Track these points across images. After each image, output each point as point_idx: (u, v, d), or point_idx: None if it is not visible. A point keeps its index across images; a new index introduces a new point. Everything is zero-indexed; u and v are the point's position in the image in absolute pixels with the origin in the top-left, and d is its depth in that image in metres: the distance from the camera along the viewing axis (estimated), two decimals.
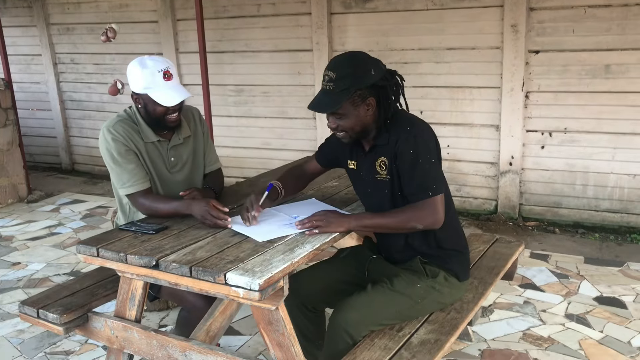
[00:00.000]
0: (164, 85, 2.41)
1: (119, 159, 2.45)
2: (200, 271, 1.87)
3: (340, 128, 2.19)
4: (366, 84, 2.11)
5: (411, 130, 2.15)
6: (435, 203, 2.11)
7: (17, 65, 6.77)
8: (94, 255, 2.12)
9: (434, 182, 2.13)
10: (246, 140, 5.73)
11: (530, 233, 4.49)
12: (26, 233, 4.84)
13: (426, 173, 2.12)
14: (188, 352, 2.13)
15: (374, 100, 2.15)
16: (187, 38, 5.78)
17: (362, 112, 2.15)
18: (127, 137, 2.47)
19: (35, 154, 7.15)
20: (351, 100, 2.11)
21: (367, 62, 2.15)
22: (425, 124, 2.24)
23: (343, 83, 2.09)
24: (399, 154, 2.14)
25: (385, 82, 2.15)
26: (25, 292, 3.71)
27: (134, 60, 2.46)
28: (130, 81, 2.46)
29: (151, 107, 2.45)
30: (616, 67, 4.21)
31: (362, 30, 4.98)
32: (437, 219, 2.13)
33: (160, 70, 2.40)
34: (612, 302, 3.35)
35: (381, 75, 2.14)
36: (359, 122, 2.17)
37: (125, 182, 2.46)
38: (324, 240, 2.11)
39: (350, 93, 2.10)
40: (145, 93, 2.42)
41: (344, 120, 2.16)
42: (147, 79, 2.40)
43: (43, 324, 2.38)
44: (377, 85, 2.13)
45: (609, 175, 4.41)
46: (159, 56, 2.50)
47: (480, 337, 3.01)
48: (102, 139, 2.49)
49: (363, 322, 2.13)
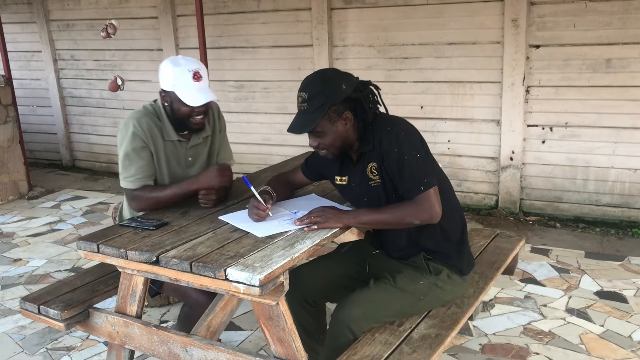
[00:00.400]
0: (192, 85, 2.41)
1: (132, 153, 2.45)
2: (200, 267, 1.87)
3: (322, 146, 2.20)
4: (339, 99, 2.11)
5: (392, 129, 2.15)
6: (429, 197, 2.11)
7: (17, 61, 6.76)
8: (95, 251, 2.12)
9: (424, 176, 2.12)
10: (246, 136, 5.73)
11: (531, 228, 4.49)
12: (27, 229, 4.85)
13: (414, 169, 2.11)
14: (189, 347, 2.13)
15: (350, 113, 2.15)
16: (187, 34, 5.77)
17: (341, 127, 2.15)
18: (149, 134, 2.48)
19: (36, 151, 7.15)
20: (327, 117, 2.12)
21: (337, 78, 2.15)
22: (404, 122, 2.23)
23: (316, 102, 2.10)
24: (385, 155, 2.14)
25: (358, 94, 2.15)
26: (26, 289, 3.71)
27: (167, 58, 2.49)
28: (160, 78, 2.47)
29: (177, 106, 2.46)
30: (617, 62, 4.20)
31: (362, 25, 4.97)
32: (433, 214, 2.12)
33: (191, 70, 2.41)
34: (612, 296, 3.35)
35: (353, 87, 2.14)
36: (339, 137, 2.17)
37: (128, 176, 2.46)
38: (324, 235, 2.11)
39: (325, 110, 2.10)
40: (173, 91, 2.43)
41: (324, 138, 2.17)
42: (177, 77, 2.41)
43: (44, 320, 2.38)
44: (351, 98, 2.13)
45: (609, 169, 4.41)
46: (192, 58, 2.51)
47: (481, 332, 3.01)
48: (124, 128, 2.48)
49: (365, 318, 2.13)
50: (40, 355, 2.98)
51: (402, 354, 2.00)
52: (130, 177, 2.46)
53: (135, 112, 2.53)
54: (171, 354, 2.19)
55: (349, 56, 5.09)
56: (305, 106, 2.12)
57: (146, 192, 2.47)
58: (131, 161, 2.45)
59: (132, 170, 2.45)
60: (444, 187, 2.26)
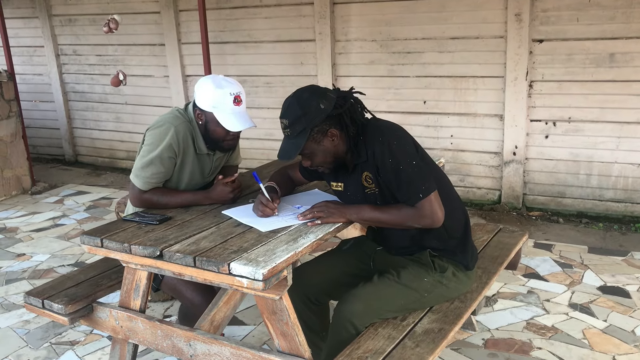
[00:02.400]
0: (232, 110, 2.40)
1: (157, 160, 2.41)
2: (204, 261, 1.87)
3: (314, 165, 2.21)
4: (319, 119, 2.10)
5: (383, 140, 2.12)
6: (429, 204, 2.10)
7: (19, 56, 6.76)
8: (98, 245, 2.13)
9: (422, 183, 2.10)
10: (249, 131, 5.68)
11: (534, 223, 4.49)
12: (30, 224, 4.86)
13: (411, 177, 2.10)
14: (192, 341, 2.14)
15: (335, 130, 2.14)
16: (189, 29, 5.76)
17: (328, 145, 2.15)
18: (182, 146, 2.45)
19: (39, 146, 7.16)
20: (312, 139, 2.12)
21: (315, 98, 2.12)
22: (395, 129, 2.20)
23: (297, 127, 2.10)
24: (380, 166, 2.13)
25: (339, 109, 2.13)
26: (30, 283, 3.72)
27: (208, 77, 2.45)
28: (199, 96, 2.43)
29: (212, 127, 2.44)
30: (621, 56, 4.18)
31: (365, 19, 4.96)
32: (434, 219, 2.12)
33: (232, 94, 2.39)
34: (615, 291, 3.35)
35: (332, 104, 2.12)
36: (329, 154, 2.17)
37: (142, 176, 2.43)
38: (327, 230, 2.12)
39: (307, 134, 2.10)
40: (211, 112, 2.40)
41: (314, 158, 2.18)
42: (218, 99, 2.38)
43: (48, 314, 2.39)
44: (332, 115, 2.12)
45: (613, 164, 4.40)
46: (233, 78, 2.48)
47: (484, 327, 3.01)
48: (163, 132, 2.42)
49: (368, 313, 2.13)
50: (45, 349, 2.99)
51: (405, 349, 2.00)
52: (144, 178, 2.43)
53: (174, 118, 2.47)
54: (175, 348, 2.20)
55: (352, 51, 5.08)
56: (288, 132, 2.13)
57: (156, 195, 2.45)
58: (153, 165, 2.42)
59: (148, 173, 2.43)
60: (443, 185, 2.25)
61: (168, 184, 2.53)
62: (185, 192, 2.50)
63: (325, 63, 5.14)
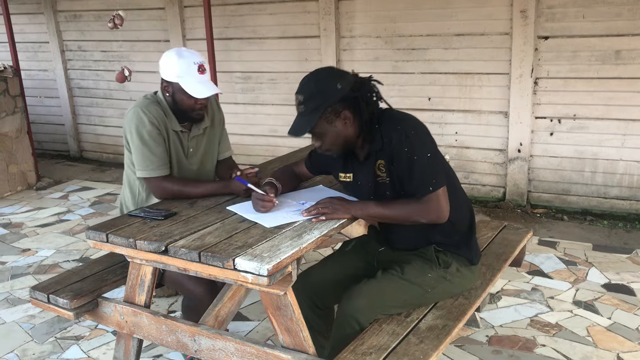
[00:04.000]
0: (197, 78, 2.44)
1: (150, 141, 2.46)
2: (209, 256, 1.88)
3: (324, 146, 2.20)
4: (335, 99, 2.09)
5: (401, 128, 2.12)
6: (437, 198, 2.10)
7: (24, 52, 6.77)
8: (104, 240, 2.13)
9: (433, 176, 2.10)
10: (253, 127, 5.73)
11: (539, 220, 4.48)
12: (35, 220, 4.88)
13: (424, 169, 2.10)
14: (197, 337, 2.14)
15: (349, 112, 2.13)
16: (194, 25, 5.76)
17: (340, 127, 2.14)
18: (160, 121, 2.50)
19: (44, 142, 7.18)
20: (324, 118, 2.11)
21: (332, 78, 2.13)
22: (414, 119, 2.20)
23: (311, 103, 2.09)
24: (395, 154, 2.12)
25: (355, 92, 2.12)
26: (35, 278, 3.74)
27: (170, 50, 2.50)
28: (163, 68, 2.48)
29: (179, 97, 2.48)
30: (627, 53, 4.17)
31: (369, 16, 4.95)
32: (440, 215, 2.12)
33: (196, 63, 2.44)
34: (620, 289, 3.35)
35: (350, 86, 2.11)
36: (340, 137, 2.16)
37: (149, 165, 2.47)
38: (332, 226, 2.12)
39: (320, 111, 2.09)
40: (177, 82, 2.45)
41: (325, 138, 2.16)
42: (182, 69, 2.43)
43: (53, 309, 2.40)
44: (348, 97, 2.11)
45: (618, 162, 4.39)
46: (195, 51, 2.53)
47: (487, 324, 3.01)
48: (134, 118, 2.48)
49: (371, 309, 2.14)
50: (50, 344, 3.01)
51: (409, 345, 2.00)
52: (151, 166, 2.47)
53: (141, 101, 2.54)
54: (179, 343, 2.21)
55: (356, 47, 5.07)
56: (302, 108, 2.13)
57: (177, 184, 2.49)
58: (149, 149, 2.46)
59: (154, 159, 2.47)
60: (450, 180, 2.25)
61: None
62: (206, 182, 2.57)
63: (329, 59, 5.13)
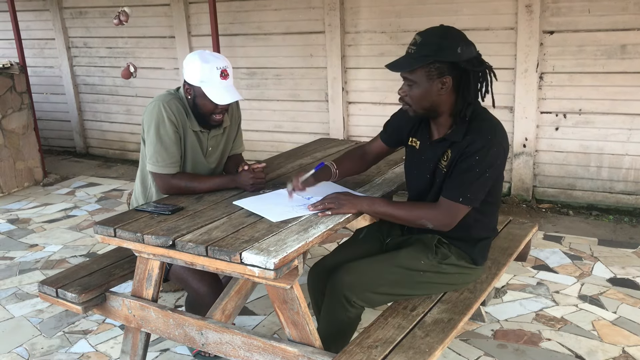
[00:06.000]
0: (219, 83, 2.44)
1: (165, 138, 2.47)
2: (216, 250, 1.89)
3: (409, 98, 2.11)
4: (447, 58, 2.00)
5: (491, 140, 2.05)
6: (457, 210, 2.08)
7: (30, 49, 6.80)
8: (112, 235, 2.15)
9: (473, 193, 2.07)
10: (258, 123, 5.74)
11: (544, 215, 4.48)
12: (43, 216, 4.91)
13: (473, 181, 2.06)
14: (204, 330, 2.16)
15: (450, 80, 2.04)
16: (199, 21, 5.77)
17: (435, 88, 2.05)
18: (180, 120, 2.51)
19: (50, 138, 7.21)
20: (426, 70, 2.02)
21: (457, 39, 2.04)
22: (504, 136, 2.13)
23: (424, 49, 2.02)
24: (467, 156, 2.05)
25: (469, 66, 2.04)
26: (43, 274, 3.77)
27: (194, 52, 2.49)
28: (187, 71, 2.47)
29: (200, 101, 2.48)
30: (632, 47, 4.15)
31: (374, 11, 4.95)
32: (449, 224, 2.12)
33: (219, 68, 2.44)
34: (625, 283, 3.35)
35: (468, 57, 2.03)
36: (428, 98, 2.07)
37: (160, 161, 2.48)
38: (338, 220, 2.13)
39: (427, 61, 2.01)
40: (199, 86, 2.45)
41: (414, 90, 2.08)
42: (205, 73, 2.42)
43: (62, 303, 2.42)
44: (460, 66, 2.03)
45: (623, 156, 4.38)
46: (219, 54, 2.54)
47: (493, 318, 3.02)
48: (154, 112, 2.48)
49: (359, 285, 2.13)
50: (58, 338, 3.03)
51: (415, 338, 2.01)
52: (163, 162, 2.48)
53: (164, 96, 2.54)
54: (187, 337, 2.23)
55: (361, 42, 5.07)
56: (414, 49, 2.05)
57: (183, 180, 2.50)
58: (163, 146, 2.47)
59: (165, 156, 2.48)
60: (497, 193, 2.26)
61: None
62: (212, 177, 2.57)
63: (334, 55, 5.14)
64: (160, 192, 2.55)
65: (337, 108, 5.28)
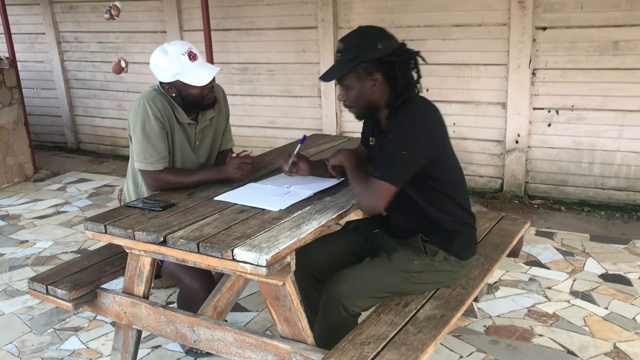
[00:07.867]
0: (193, 66, 2.41)
1: (151, 135, 2.45)
2: (207, 247, 1.88)
3: (347, 101, 2.20)
4: (371, 56, 2.09)
5: (405, 120, 2.11)
6: (380, 188, 2.07)
7: (21, 44, 6.74)
8: (102, 231, 2.13)
9: (390, 169, 2.08)
10: (251, 119, 5.72)
11: (536, 211, 4.49)
12: (33, 212, 4.87)
13: (389, 158, 2.09)
14: (196, 327, 2.15)
15: (380, 75, 2.12)
16: (191, 16, 5.73)
17: (368, 87, 2.14)
18: (165, 115, 2.48)
19: (41, 133, 7.15)
20: (355, 73, 2.12)
21: (376, 36, 2.14)
22: (433, 120, 2.20)
23: (348, 54, 2.11)
24: (386, 134, 2.14)
25: (393, 58, 2.11)
26: (33, 270, 3.74)
27: (155, 51, 2.46)
28: (158, 73, 2.45)
29: (186, 92, 2.46)
30: (624, 44, 4.16)
31: (367, 6, 4.93)
32: (372, 205, 2.11)
33: (184, 53, 2.40)
34: (617, 279, 3.36)
35: (390, 51, 2.11)
36: (364, 97, 2.16)
37: (147, 158, 2.46)
38: (330, 216, 2.12)
39: (354, 64, 2.10)
40: (176, 79, 2.42)
41: (350, 93, 2.17)
42: (174, 65, 2.39)
43: (52, 300, 2.40)
44: (385, 60, 2.10)
45: (615, 153, 4.39)
46: (177, 40, 2.51)
47: (485, 314, 3.03)
48: (139, 109, 2.46)
49: (356, 292, 2.13)
50: (48, 335, 3.01)
51: (407, 334, 2.01)
52: (149, 159, 2.46)
53: (148, 92, 2.51)
54: (178, 334, 2.21)
55: None
56: (339, 56, 2.15)
57: (171, 175, 2.48)
58: (150, 143, 2.45)
59: (153, 152, 2.45)
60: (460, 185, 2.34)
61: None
62: (200, 170, 2.55)
63: (327, 50, 5.12)
64: (150, 189, 2.53)
65: (330, 104, 5.27)
